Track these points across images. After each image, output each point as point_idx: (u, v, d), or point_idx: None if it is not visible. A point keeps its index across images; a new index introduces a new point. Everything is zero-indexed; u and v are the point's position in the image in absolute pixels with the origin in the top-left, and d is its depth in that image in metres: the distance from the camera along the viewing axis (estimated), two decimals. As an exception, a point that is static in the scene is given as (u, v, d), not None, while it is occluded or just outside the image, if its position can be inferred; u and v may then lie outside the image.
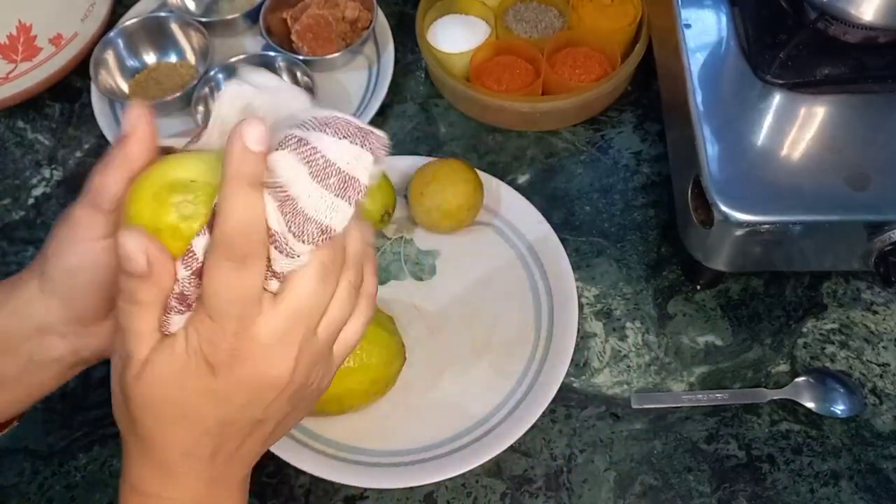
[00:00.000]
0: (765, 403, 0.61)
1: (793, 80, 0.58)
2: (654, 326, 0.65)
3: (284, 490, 0.59)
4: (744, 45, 0.61)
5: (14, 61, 0.75)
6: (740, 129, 0.57)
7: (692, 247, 0.61)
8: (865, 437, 0.60)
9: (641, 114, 0.75)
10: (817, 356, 0.63)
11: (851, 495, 0.58)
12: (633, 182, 0.72)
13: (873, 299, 0.65)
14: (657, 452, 0.60)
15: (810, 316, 0.65)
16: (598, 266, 0.68)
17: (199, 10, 0.81)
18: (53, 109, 0.79)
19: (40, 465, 0.60)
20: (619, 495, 0.58)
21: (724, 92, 0.59)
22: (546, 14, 0.77)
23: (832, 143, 0.56)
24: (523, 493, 0.58)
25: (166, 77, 0.77)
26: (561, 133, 0.75)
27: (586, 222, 0.70)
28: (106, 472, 0.60)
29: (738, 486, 0.58)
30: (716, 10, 0.64)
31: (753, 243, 0.56)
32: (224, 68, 0.74)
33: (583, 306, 0.65)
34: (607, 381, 0.63)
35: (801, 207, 0.54)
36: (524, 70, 0.74)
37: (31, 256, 0.70)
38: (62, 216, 0.40)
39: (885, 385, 0.62)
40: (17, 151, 0.76)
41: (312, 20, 0.77)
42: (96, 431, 0.61)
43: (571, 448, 0.60)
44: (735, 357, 0.63)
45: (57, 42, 0.76)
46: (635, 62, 0.73)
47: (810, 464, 0.59)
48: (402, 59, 0.79)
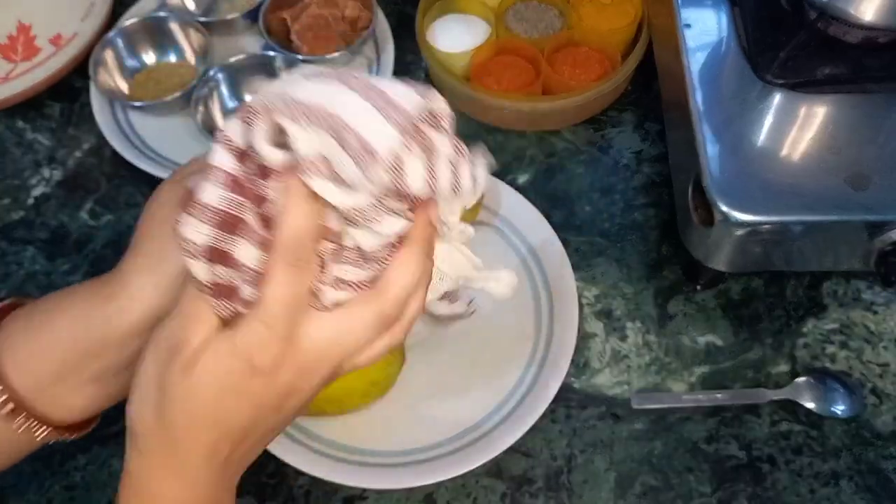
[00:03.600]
0: (765, 404, 0.61)
1: (793, 79, 0.58)
2: (654, 326, 0.65)
3: (284, 490, 0.59)
4: (744, 45, 0.61)
5: (14, 61, 0.75)
6: (740, 129, 0.57)
7: (692, 247, 0.61)
8: (865, 438, 0.60)
9: (641, 114, 0.75)
10: (817, 356, 0.63)
11: (851, 495, 0.58)
12: (634, 182, 0.72)
13: (874, 299, 0.65)
14: (657, 453, 0.60)
15: (811, 316, 0.65)
16: (599, 266, 0.68)
17: (199, 10, 0.81)
18: (53, 109, 0.79)
19: (40, 466, 0.60)
20: (619, 496, 0.58)
21: (724, 92, 0.59)
22: (546, 14, 0.77)
23: (832, 143, 0.56)
24: (523, 494, 0.58)
25: (166, 77, 0.77)
26: (561, 133, 0.75)
27: (586, 222, 0.70)
28: (106, 472, 0.60)
29: (738, 487, 0.58)
30: (716, 9, 0.64)
31: (754, 243, 0.56)
32: (224, 68, 0.74)
33: (583, 306, 0.65)
34: (607, 381, 0.63)
35: (802, 207, 0.54)
36: (524, 70, 0.74)
37: (30, 256, 0.70)
38: (148, 216, 0.42)
39: (885, 385, 0.62)
40: (17, 151, 0.76)
41: (312, 20, 0.77)
42: (96, 431, 0.61)
43: (571, 448, 0.60)
44: (735, 357, 0.63)
45: (57, 42, 0.76)
46: (635, 62, 0.73)
47: (810, 464, 0.59)
48: (402, 59, 0.79)
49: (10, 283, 0.68)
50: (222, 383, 0.36)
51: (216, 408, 0.36)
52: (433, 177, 0.36)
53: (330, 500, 0.59)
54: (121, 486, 0.39)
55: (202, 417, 0.36)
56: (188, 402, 0.36)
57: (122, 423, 0.38)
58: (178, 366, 0.36)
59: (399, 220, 0.36)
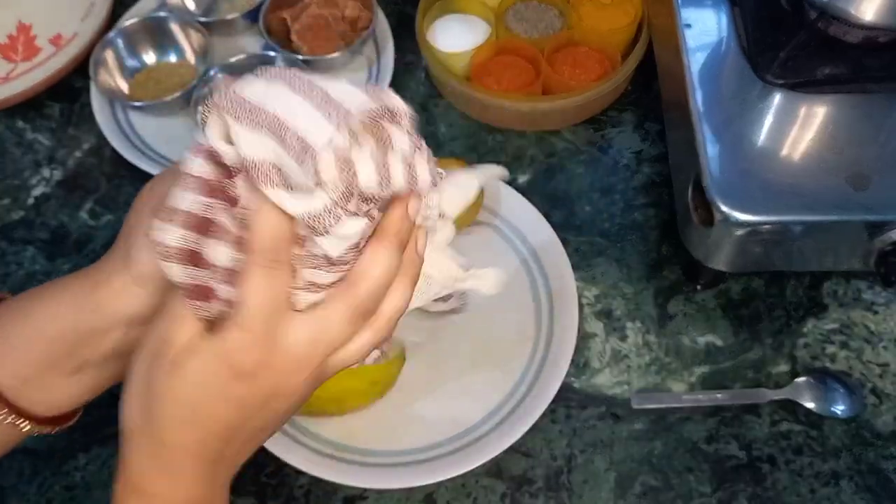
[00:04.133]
0: (765, 404, 0.61)
1: (793, 79, 0.58)
2: (654, 326, 0.65)
3: (284, 490, 0.59)
4: (744, 44, 0.61)
5: (14, 61, 0.75)
6: (740, 129, 0.57)
7: (692, 247, 0.61)
8: (865, 438, 0.60)
9: (641, 114, 0.75)
10: (818, 356, 0.63)
11: (852, 495, 0.58)
12: (634, 182, 0.72)
13: (874, 299, 0.65)
14: (657, 453, 0.60)
15: (811, 316, 0.65)
16: (599, 266, 0.68)
17: (199, 10, 0.81)
18: (53, 109, 0.79)
19: (40, 465, 0.60)
20: (619, 496, 0.58)
21: (724, 92, 0.59)
22: (546, 14, 0.77)
23: (832, 142, 0.56)
24: (523, 494, 0.58)
25: (166, 77, 0.77)
26: (561, 133, 0.75)
27: (586, 222, 0.70)
28: (106, 472, 0.60)
29: (738, 487, 0.58)
30: (716, 9, 0.64)
31: (754, 243, 0.56)
32: (224, 68, 0.74)
33: (583, 306, 0.65)
34: (607, 381, 0.63)
35: (802, 207, 0.54)
36: (524, 70, 0.74)
37: (30, 256, 0.70)
38: (133, 213, 0.42)
39: (885, 385, 0.62)
40: (17, 151, 0.76)
41: (312, 20, 0.77)
42: (96, 431, 0.61)
43: (571, 448, 0.60)
44: (735, 357, 0.63)
45: (57, 42, 0.76)
46: (635, 62, 0.73)
47: (811, 464, 0.59)
48: (402, 58, 0.79)
49: (10, 283, 0.68)
50: (206, 385, 0.36)
51: (200, 407, 0.37)
52: (385, 173, 0.36)
53: (330, 500, 0.58)
54: (115, 484, 0.39)
55: (187, 416, 0.37)
56: (173, 401, 0.37)
57: (122, 424, 0.39)
58: (164, 365, 0.36)
59: (359, 220, 0.36)
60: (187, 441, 0.37)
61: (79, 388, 0.44)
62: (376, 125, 0.35)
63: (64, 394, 0.44)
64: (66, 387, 0.44)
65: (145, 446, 0.38)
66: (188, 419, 0.37)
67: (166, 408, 0.37)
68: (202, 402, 0.37)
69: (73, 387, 0.44)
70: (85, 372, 0.44)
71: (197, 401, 0.37)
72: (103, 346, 0.43)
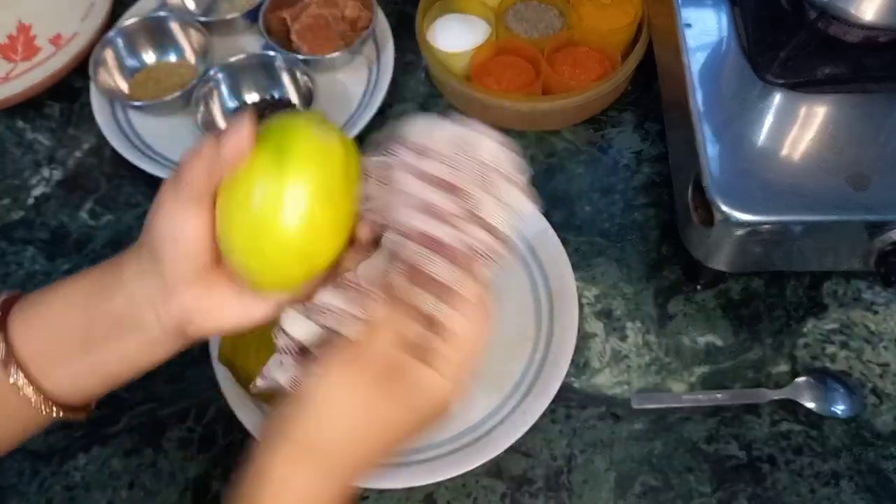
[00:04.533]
0: (765, 404, 0.61)
1: (793, 79, 0.58)
2: (654, 326, 0.65)
3: (284, 490, 0.59)
4: (744, 44, 0.61)
5: (14, 61, 0.75)
6: (740, 128, 0.57)
7: (692, 247, 0.61)
8: (865, 438, 0.60)
9: (641, 114, 0.75)
10: (818, 356, 0.63)
11: (852, 495, 0.58)
12: (634, 182, 0.72)
13: (874, 299, 0.65)
14: (657, 453, 0.60)
15: (811, 316, 0.65)
16: (599, 266, 0.68)
17: (199, 10, 0.81)
18: (53, 109, 0.79)
19: (40, 465, 0.60)
20: (619, 496, 0.58)
21: (724, 92, 0.59)
22: (546, 14, 0.77)
23: (832, 142, 0.56)
24: (523, 494, 0.58)
25: (166, 77, 0.77)
26: (561, 133, 0.75)
27: (586, 222, 0.70)
28: (105, 472, 0.60)
29: (738, 487, 0.58)
30: (716, 9, 0.64)
31: (754, 243, 0.56)
32: (224, 68, 0.74)
33: (583, 306, 0.65)
34: (607, 381, 0.63)
35: (802, 207, 0.54)
36: (524, 70, 0.74)
37: (30, 256, 0.70)
38: (156, 205, 0.42)
39: (885, 385, 0.62)
40: (17, 151, 0.76)
41: (312, 20, 0.77)
42: (96, 431, 0.61)
43: (571, 448, 0.60)
44: (735, 357, 0.63)
45: (56, 42, 0.76)
46: (635, 62, 0.73)
47: (811, 464, 0.59)
48: (402, 58, 0.79)
49: (11, 282, 0.68)
50: (367, 401, 0.42)
51: (361, 423, 0.42)
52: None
53: (330, 500, 0.58)
54: (258, 485, 0.40)
55: (349, 428, 0.42)
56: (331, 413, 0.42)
57: (122, 423, 0.38)
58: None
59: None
60: (349, 452, 0.43)
61: (103, 378, 0.44)
62: None
63: (88, 382, 0.44)
64: (91, 376, 0.44)
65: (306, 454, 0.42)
66: (352, 431, 0.42)
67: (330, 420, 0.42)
68: (364, 418, 0.42)
69: (98, 377, 0.44)
70: (108, 363, 0.44)
71: (362, 416, 0.42)
72: (142, 336, 0.43)
